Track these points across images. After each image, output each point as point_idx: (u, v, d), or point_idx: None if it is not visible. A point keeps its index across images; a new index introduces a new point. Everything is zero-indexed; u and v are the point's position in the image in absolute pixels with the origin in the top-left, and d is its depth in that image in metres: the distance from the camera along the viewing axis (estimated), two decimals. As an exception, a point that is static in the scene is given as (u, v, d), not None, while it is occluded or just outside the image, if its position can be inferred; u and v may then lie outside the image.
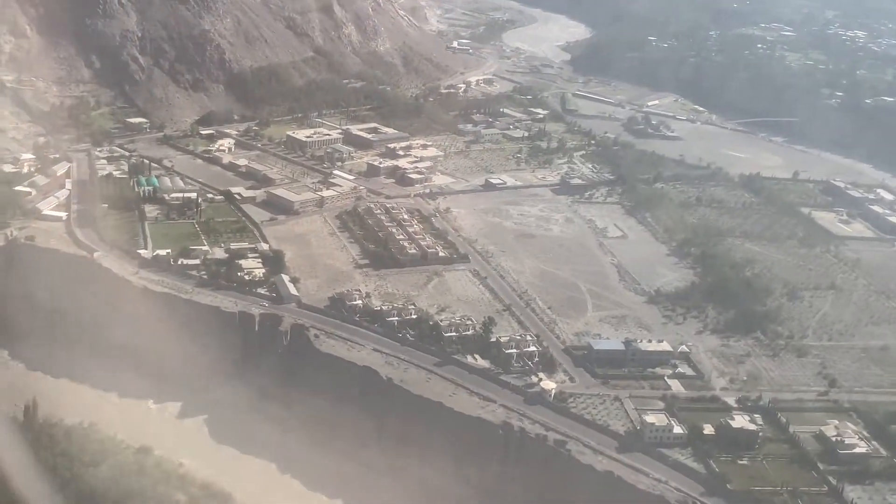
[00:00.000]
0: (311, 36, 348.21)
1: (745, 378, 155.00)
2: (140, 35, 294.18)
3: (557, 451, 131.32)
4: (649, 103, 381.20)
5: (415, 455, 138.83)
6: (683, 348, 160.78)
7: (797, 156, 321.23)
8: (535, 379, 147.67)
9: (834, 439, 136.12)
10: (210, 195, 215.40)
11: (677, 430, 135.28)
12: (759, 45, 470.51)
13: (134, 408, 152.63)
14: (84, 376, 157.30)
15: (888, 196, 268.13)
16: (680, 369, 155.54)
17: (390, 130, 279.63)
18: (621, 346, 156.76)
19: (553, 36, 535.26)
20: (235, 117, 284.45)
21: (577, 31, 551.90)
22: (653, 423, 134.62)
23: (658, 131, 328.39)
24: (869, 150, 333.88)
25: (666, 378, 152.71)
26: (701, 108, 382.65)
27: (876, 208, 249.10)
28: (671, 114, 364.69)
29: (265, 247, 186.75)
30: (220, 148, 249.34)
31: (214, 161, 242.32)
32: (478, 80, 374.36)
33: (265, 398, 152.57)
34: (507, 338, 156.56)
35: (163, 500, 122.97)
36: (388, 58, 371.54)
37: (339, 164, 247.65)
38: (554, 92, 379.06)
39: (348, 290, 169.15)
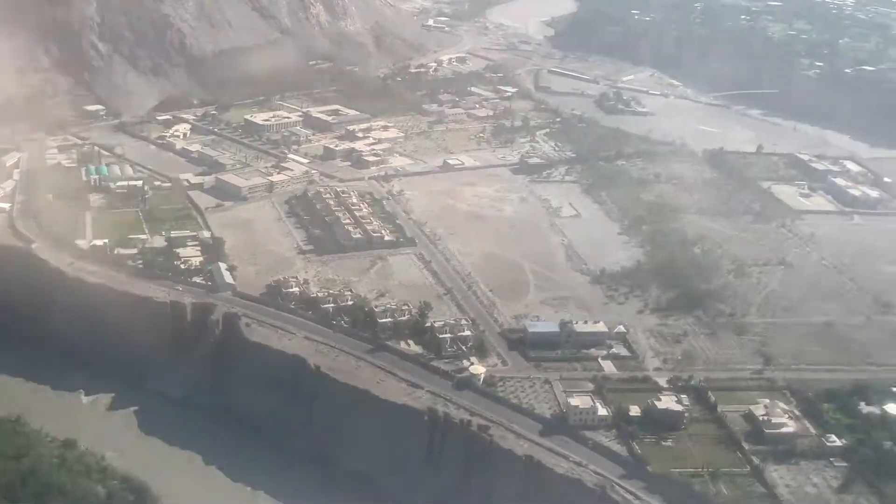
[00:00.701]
0: (277, 18, 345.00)
1: (679, 357, 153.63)
2: (100, 21, 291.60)
3: (480, 436, 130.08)
4: (624, 79, 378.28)
5: (341, 444, 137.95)
6: (620, 328, 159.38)
7: (770, 129, 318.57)
8: (466, 364, 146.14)
9: (761, 419, 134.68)
10: (157, 182, 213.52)
11: (602, 412, 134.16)
12: (743, 17, 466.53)
13: (65, 400, 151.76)
14: (18, 370, 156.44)
15: (854, 168, 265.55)
16: (614, 350, 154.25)
17: (352, 112, 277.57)
18: (556, 329, 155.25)
19: (540, 11, 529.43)
20: (195, 102, 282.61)
21: (564, 6, 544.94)
22: (577, 406, 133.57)
23: (629, 107, 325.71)
24: (847, 120, 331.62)
25: (599, 359, 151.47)
26: (676, 83, 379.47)
27: (838, 181, 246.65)
28: (645, 89, 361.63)
29: (206, 234, 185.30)
30: (175, 134, 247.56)
31: (168, 147, 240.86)
32: (450, 59, 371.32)
33: (195, 389, 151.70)
34: (442, 323, 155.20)
35: (82, 493, 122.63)
36: (358, 38, 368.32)
37: (296, 147, 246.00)
38: (528, 69, 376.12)
39: (285, 278, 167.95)
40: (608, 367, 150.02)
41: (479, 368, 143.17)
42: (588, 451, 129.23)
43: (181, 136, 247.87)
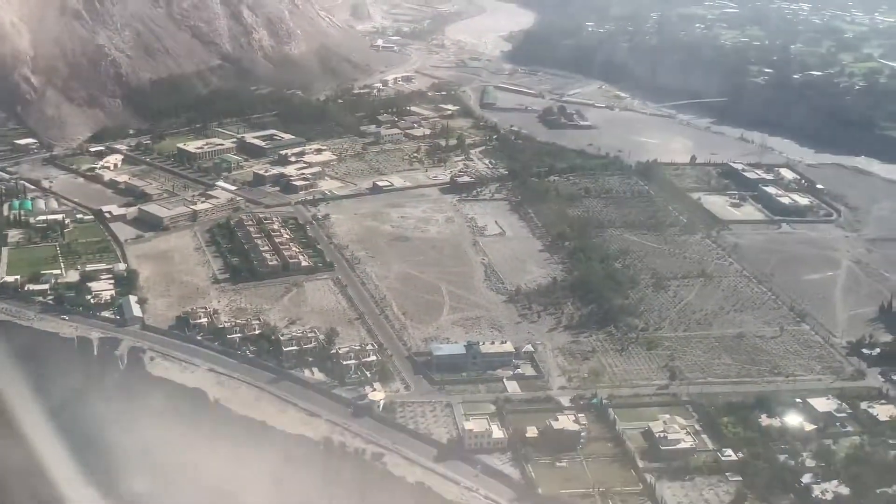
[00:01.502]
0: (218, 44, 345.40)
1: (585, 375, 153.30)
2: (33, 55, 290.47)
3: (373, 464, 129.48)
4: (570, 92, 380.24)
5: (238, 477, 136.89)
6: (528, 348, 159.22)
7: (713, 138, 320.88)
8: (369, 390, 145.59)
9: (657, 435, 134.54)
10: (80, 215, 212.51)
11: (498, 434, 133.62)
12: (698, 25, 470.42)
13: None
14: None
15: (790, 175, 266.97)
16: (521, 370, 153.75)
17: (287, 136, 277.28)
18: (462, 351, 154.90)
19: (499, 26, 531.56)
20: (131, 132, 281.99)
21: (523, 20, 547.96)
22: (471, 430, 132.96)
23: (571, 121, 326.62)
24: (794, 126, 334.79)
25: (504, 380, 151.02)
26: (624, 95, 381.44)
27: (769, 189, 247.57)
28: (591, 102, 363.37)
29: (122, 267, 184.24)
30: (105, 165, 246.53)
31: (96, 179, 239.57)
32: (395, 79, 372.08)
33: (100, 426, 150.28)
34: (347, 349, 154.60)
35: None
36: (302, 61, 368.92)
37: (226, 174, 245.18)
38: (475, 86, 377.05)
39: (193, 309, 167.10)
40: (512, 387, 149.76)
41: (378, 395, 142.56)
42: (481, 474, 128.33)
43: (111, 168, 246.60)
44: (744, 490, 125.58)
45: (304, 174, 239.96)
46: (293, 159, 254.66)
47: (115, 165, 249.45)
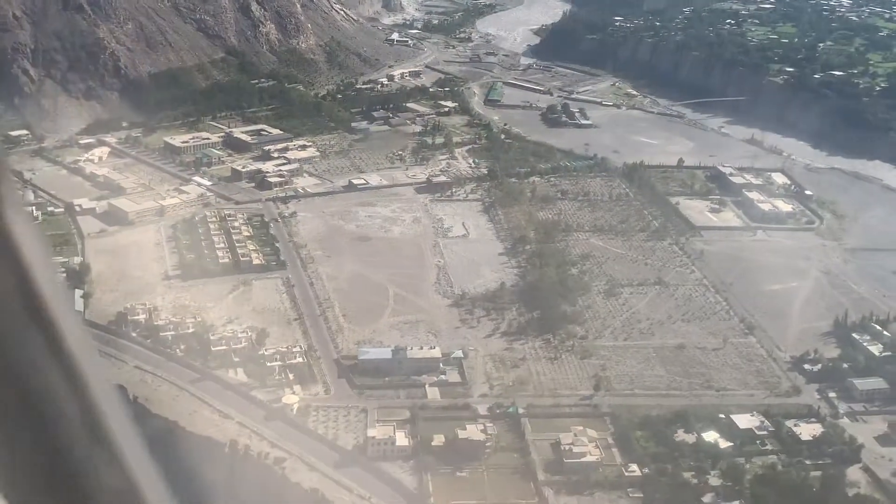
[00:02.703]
0: (223, 37, 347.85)
1: (509, 384, 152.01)
2: (33, 47, 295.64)
3: (272, 469, 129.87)
4: (580, 89, 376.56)
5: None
6: (457, 354, 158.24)
7: (717, 139, 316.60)
8: (287, 393, 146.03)
9: (563, 448, 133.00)
10: (51, 208, 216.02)
11: (402, 442, 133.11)
12: (729, 21, 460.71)
13: None
14: None
15: (781, 180, 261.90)
16: (446, 376, 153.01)
17: (275, 131, 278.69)
18: (389, 355, 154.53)
19: (532, 19, 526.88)
20: (124, 125, 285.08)
21: (559, 13, 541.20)
22: (373, 437, 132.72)
23: (573, 119, 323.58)
24: (810, 127, 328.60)
25: (427, 386, 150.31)
26: (635, 93, 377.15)
27: (752, 195, 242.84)
28: (599, 99, 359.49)
29: (77, 261, 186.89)
30: (89, 158, 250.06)
31: (78, 172, 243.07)
32: (402, 74, 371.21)
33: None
34: (273, 350, 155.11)
35: None
36: (309, 55, 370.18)
37: (206, 169, 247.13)
38: (483, 82, 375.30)
39: (132, 305, 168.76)
40: (433, 394, 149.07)
41: (292, 398, 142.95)
42: (379, 483, 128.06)
43: (95, 160, 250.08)
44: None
45: (280, 171, 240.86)
46: (275, 155, 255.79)
47: (101, 158, 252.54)
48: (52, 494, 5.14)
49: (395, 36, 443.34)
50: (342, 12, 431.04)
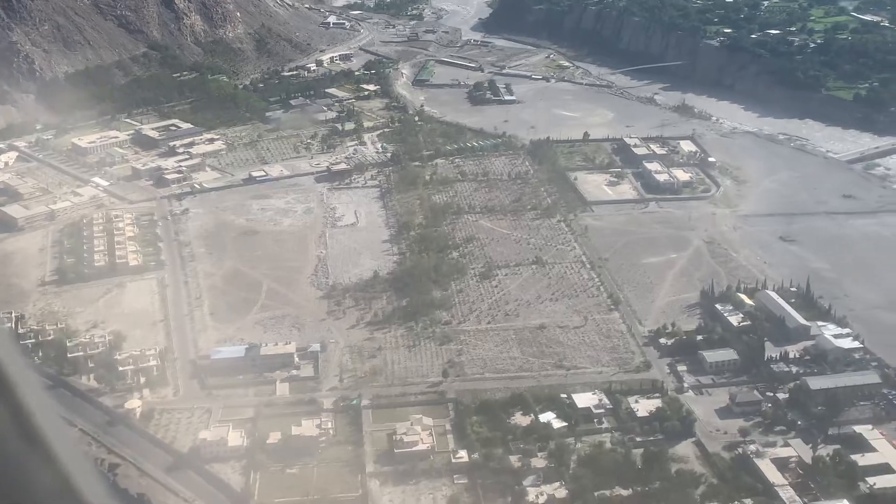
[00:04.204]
0: (145, 31, 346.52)
1: (361, 375, 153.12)
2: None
3: (104, 475, 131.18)
4: (513, 64, 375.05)
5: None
6: (314, 347, 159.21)
7: (641, 108, 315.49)
8: (136, 396, 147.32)
9: (395, 438, 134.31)
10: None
11: (235, 442, 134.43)
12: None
13: None
14: None
15: (689, 148, 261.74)
16: (300, 371, 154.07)
17: (186, 126, 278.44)
18: (241, 353, 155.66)
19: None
20: (38, 127, 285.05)
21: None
22: (205, 439, 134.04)
23: (497, 95, 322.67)
24: (745, 89, 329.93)
25: (278, 382, 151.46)
26: (568, 64, 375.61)
27: (651, 165, 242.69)
28: (529, 73, 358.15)
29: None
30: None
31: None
32: (332, 58, 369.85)
33: None
34: (126, 354, 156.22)
35: None
36: (236, 44, 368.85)
37: (107, 169, 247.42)
38: (416, 61, 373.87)
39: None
40: (283, 390, 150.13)
41: (134, 402, 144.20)
42: (206, 485, 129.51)
43: (2, 166, 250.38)
44: (460, 494, 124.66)
45: (179, 167, 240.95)
46: (180, 150, 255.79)
47: (6, 164, 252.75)
48: None
49: (331, 19, 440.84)
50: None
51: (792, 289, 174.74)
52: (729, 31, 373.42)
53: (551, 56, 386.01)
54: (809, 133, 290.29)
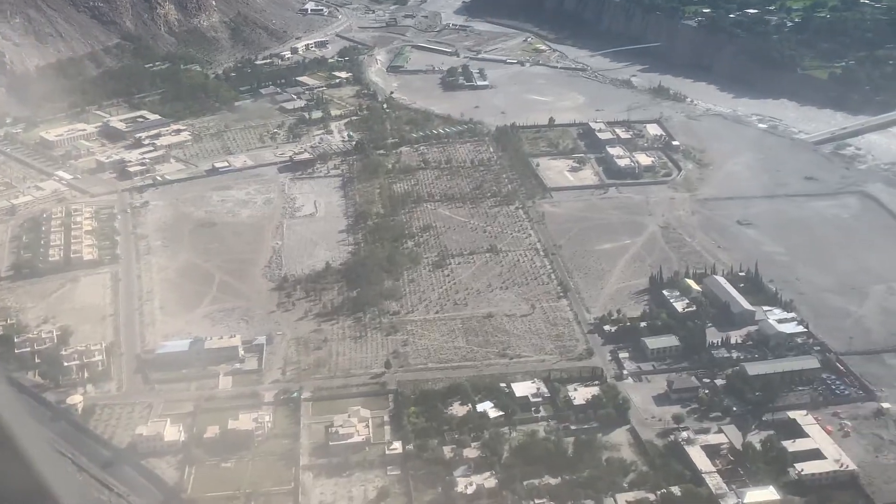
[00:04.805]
0: (118, 23, 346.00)
1: (304, 367, 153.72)
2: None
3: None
4: (489, 48, 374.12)
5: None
6: (260, 340, 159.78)
7: (613, 92, 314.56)
8: (81, 392, 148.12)
9: (331, 430, 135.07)
10: None
11: (172, 437, 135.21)
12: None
13: None
14: None
15: (655, 132, 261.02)
16: (243, 364, 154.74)
17: (154, 117, 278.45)
18: (186, 347, 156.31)
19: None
20: (8, 121, 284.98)
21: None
22: (141, 434, 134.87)
23: (470, 81, 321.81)
24: (722, 70, 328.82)
25: (221, 376, 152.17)
26: (544, 48, 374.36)
27: (616, 150, 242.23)
28: (504, 58, 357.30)
29: None
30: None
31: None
32: (307, 45, 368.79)
33: None
34: (72, 350, 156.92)
35: None
36: (211, 33, 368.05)
37: (72, 162, 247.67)
38: (392, 47, 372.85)
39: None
40: (226, 383, 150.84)
41: (76, 398, 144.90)
42: (140, 480, 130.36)
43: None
44: (391, 485, 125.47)
45: (143, 159, 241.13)
46: (146, 142, 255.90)
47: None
48: None
49: (308, 5, 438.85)
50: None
51: (741, 273, 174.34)
52: (707, 11, 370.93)
53: (529, 39, 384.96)
54: (784, 113, 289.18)
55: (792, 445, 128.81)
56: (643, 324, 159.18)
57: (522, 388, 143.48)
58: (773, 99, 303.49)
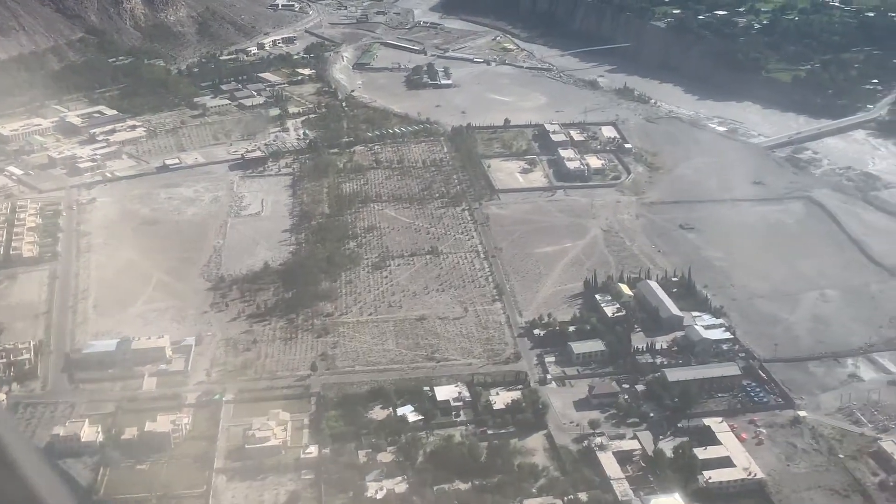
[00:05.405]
0: (83, 17, 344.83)
1: (231, 369, 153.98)
2: None
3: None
4: (457, 47, 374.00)
5: None
6: (188, 341, 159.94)
7: (576, 93, 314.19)
8: (3, 390, 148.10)
9: (248, 434, 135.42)
10: None
11: (89, 438, 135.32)
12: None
13: None
14: None
15: (610, 134, 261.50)
16: (169, 365, 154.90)
17: (112, 112, 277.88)
18: (113, 347, 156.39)
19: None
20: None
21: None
22: (58, 434, 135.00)
23: (434, 80, 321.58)
24: (688, 71, 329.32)
25: (146, 376, 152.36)
26: (512, 47, 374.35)
27: (567, 152, 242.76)
28: (470, 57, 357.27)
29: None
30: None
31: None
32: (275, 41, 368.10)
33: None
34: (1, 348, 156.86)
35: None
36: (177, 27, 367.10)
37: (24, 157, 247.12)
38: (361, 44, 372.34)
39: None
40: (150, 384, 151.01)
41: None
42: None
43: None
44: (303, 490, 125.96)
45: (94, 155, 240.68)
46: (100, 138, 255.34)
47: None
48: None
49: (280, 1, 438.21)
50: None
51: (674, 279, 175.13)
52: (677, 11, 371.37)
53: (498, 38, 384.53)
54: (746, 116, 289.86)
55: (703, 453, 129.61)
56: (572, 328, 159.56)
57: (444, 392, 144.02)
58: (737, 101, 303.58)
